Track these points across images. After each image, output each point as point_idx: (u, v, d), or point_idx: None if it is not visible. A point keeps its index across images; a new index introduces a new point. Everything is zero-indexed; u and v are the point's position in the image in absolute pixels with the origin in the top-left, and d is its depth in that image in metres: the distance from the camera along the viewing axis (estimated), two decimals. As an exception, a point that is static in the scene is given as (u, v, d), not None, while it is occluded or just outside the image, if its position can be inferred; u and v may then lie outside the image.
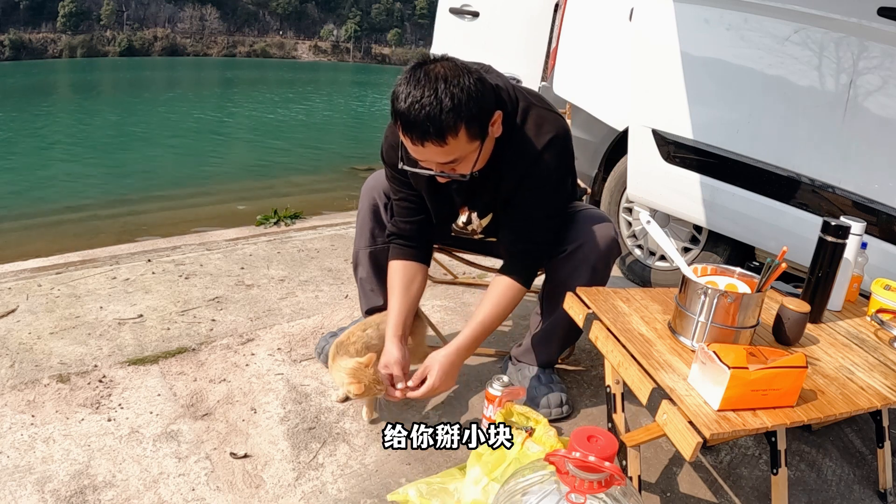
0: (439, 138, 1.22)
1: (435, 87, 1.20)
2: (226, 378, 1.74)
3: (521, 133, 1.39)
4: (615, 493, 0.83)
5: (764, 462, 1.55)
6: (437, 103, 1.19)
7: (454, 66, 1.24)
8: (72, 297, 2.18)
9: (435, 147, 1.24)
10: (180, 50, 66.83)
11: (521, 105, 1.40)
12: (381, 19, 78.63)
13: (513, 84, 1.43)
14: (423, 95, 1.19)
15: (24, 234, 5.10)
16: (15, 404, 1.57)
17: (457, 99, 1.20)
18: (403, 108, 1.21)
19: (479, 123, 1.27)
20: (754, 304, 1.17)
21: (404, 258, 1.58)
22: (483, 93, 1.25)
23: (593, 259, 1.51)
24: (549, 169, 1.42)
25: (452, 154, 1.27)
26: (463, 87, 1.21)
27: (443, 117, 1.20)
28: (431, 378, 1.42)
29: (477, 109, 1.24)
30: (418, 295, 1.61)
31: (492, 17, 3.20)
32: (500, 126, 1.34)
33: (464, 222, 1.55)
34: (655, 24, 2.19)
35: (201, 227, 3.78)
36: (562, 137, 1.42)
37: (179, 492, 1.32)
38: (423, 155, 1.28)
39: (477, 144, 1.30)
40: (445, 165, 1.31)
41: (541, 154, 1.40)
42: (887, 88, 1.70)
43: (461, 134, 1.24)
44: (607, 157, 2.74)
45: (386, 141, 1.52)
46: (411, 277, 1.58)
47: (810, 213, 1.90)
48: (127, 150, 9.80)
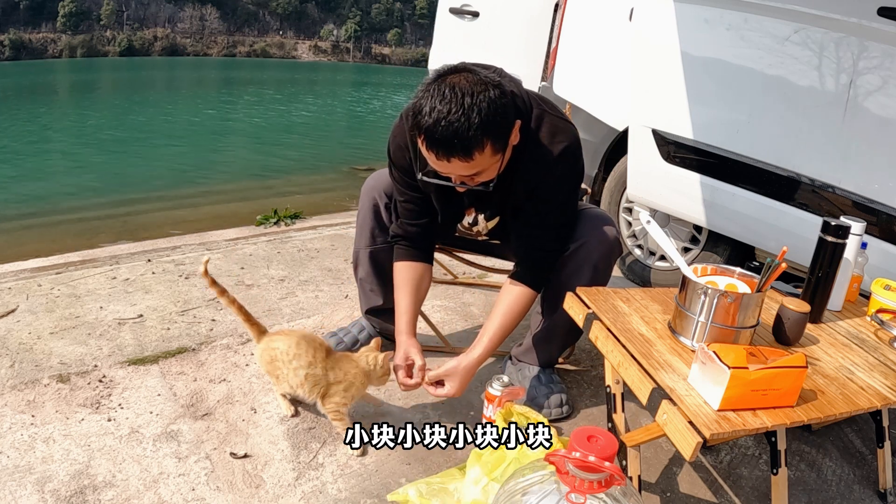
0: (466, 154, 1.22)
1: (462, 103, 1.18)
2: (226, 378, 1.74)
3: (535, 141, 1.39)
4: (615, 493, 0.83)
5: (764, 462, 1.55)
6: (465, 120, 1.18)
7: (478, 79, 1.22)
8: (72, 297, 2.18)
9: (461, 162, 1.24)
10: (180, 50, 66.82)
11: (534, 112, 1.40)
12: (381, 19, 78.61)
13: (525, 90, 1.43)
14: (450, 112, 1.18)
15: (24, 234, 5.10)
16: (15, 404, 1.57)
17: (484, 115, 1.19)
18: (429, 123, 1.20)
19: (503, 138, 1.27)
20: (754, 304, 1.17)
21: (411, 259, 1.59)
22: (507, 106, 1.25)
23: (595, 259, 1.51)
24: (563, 178, 1.43)
25: (477, 168, 1.27)
26: (490, 103, 1.20)
27: (471, 134, 1.19)
28: (452, 385, 1.44)
29: (504, 124, 1.25)
30: (425, 294, 1.63)
31: (492, 17, 3.20)
32: (518, 134, 1.34)
33: (469, 223, 1.55)
34: (655, 24, 2.19)
35: (201, 227, 3.78)
36: (574, 147, 1.42)
37: (179, 492, 1.32)
38: (447, 169, 1.28)
39: (500, 157, 1.30)
40: (467, 177, 1.31)
41: (555, 164, 1.40)
42: (887, 88, 1.70)
43: (487, 149, 1.24)
44: (607, 157, 2.74)
45: (393, 141, 1.49)
46: (420, 277, 1.59)
47: (810, 213, 1.90)
48: (127, 150, 9.80)
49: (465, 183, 1.33)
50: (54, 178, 7.67)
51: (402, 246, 1.60)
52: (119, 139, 11.04)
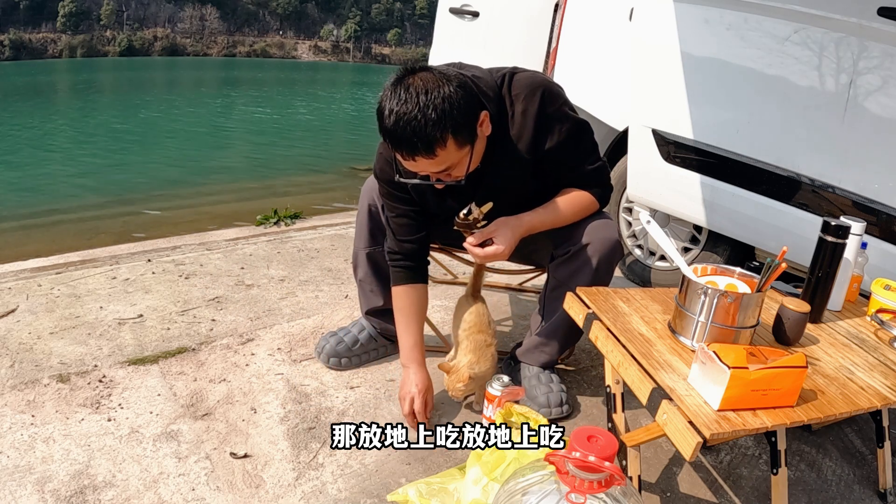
0: (428, 151, 1.24)
1: (418, 102, 1.21)
2: (226, 378, 1.74)
3: (512, 103, 1.42)
4: (615, 493, 0.83)
5: (764, 462, 1.55)
6: (421, 117, 1.20)
7: (433, 76, 1.25)
8: (72, 297, 2.18)
9: (426, 160, 1.26)
10: (180, 50, 66.81)
11: (505, 80, 1.42)
12: (381, 19, 78.61)
13: (496, 69, 1.45)
14: (407, 112, 1.21)
15: (24, 234, 5.10)
16: (15, 404, 1.57)
17: (440, 110, 1.21)
18: (389, 125, 1.23)
19: (466, 130, 1.28)
20: (754, 304, 1.17)
21: (410, 282, 1.60)
22: (466, 98, 1.26)
23: (596, 260, 1.51)
24: (567, 134, 1.45)
25: (444, 163, 1.29)
26: (444, 98, 1.22)
27: (428, 131, 1.21)
28: (499, 242, 1.41)
29: (462, 117, 1.25)
30: (425, 315, 1.67)
31: (492, 17, 3.20)
32: (489, 125, 1.36)
33: (465, 214, 1.56)
34: (655, 24, 2.19)
35: (201, 227, 3.78)
36: (546, 87, 1.44)
37: (179, 492, 1.32)
38: (416, 168, 1.30)
39: (467, 150, 1.32)
40: (440, 173, 1.33)
41: (544, 115, 1.42)
42: (887, 88, 1.70)
43: (449, 144, 1.25)
44: (607, 157, 2.74)
45: (380, 158, 1.52)
46: (421, 301, 1.62)
47: (810, 212, 1.90)
48: (127, 150, 9.79)
49: (442, 179, 1.35)
50: (54, 177, 7.66)
51: (399, 267, 1.60)
52: (119, 139, 11.04)
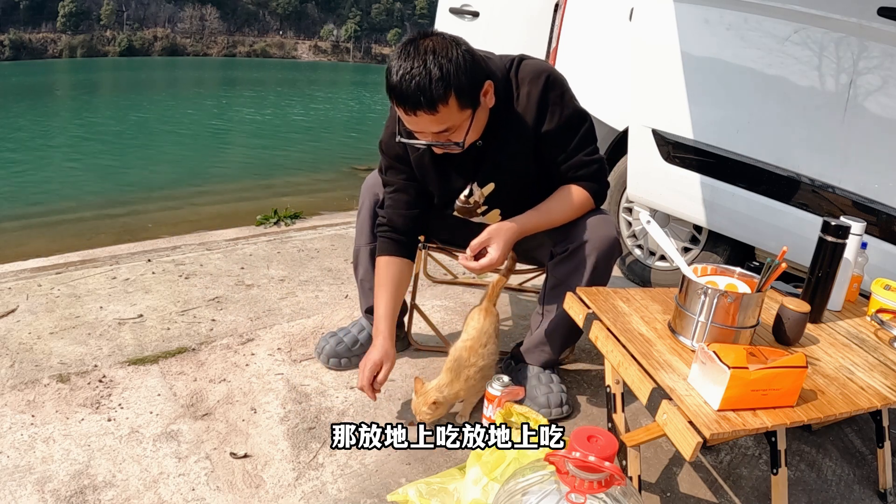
0: (430, 107, 1.27)
1: (424, 59, 1.25)
2: (226, 378, 1.74)
3: (518, 85, 1.44)
4: (615, 493, 0.83)
5: (764, 462, 1.55)
6: (426, 73, 1.24)
7: (443, 39, 1.30)
8: (72, 297, 2.18)
9: (427, 116, 1.29)
10: (180, 50, 66.81)
11: (514, 62, 1.46)
12: (381, 19, 78.62)
13: (497, 55, 1.49)
14: (412, 67, 1.25)
15: (24, 234, 5.10)
16: (15, 404, 1.57)
17: (445, 69, 1.25)
18: (395, 80, 1.27)
19: (469, 93, 1.31)
20: (754, 304, 1.17)
21: (393, 254, 1.59)
22: (472, 63, 1.30)
23: (594, 258, 1.51)
24: (566, 119, 1.46)
25: (445, 123, 1.31)
26: (451, 59, 1.26)
27: (432, 87, 1.25)
28: (493, 252, 1.42)
29: (466, 79, 1.29)
30: (404, 293, 1.66)
31: (492, 17, 3.20)
32: (493, 97, 1.39)
33: (466, 195, 1.56)
34: (655, 24, 2.19)
35: (201, 227, 3.78)
36: (551, 73, 1.46)
37: (179, 492, 1.32)
38: (417, 125, 1.33)
39: (468, 113, 1.34)
40: (439, 135, 1.35)
41: (546, 98, 1.44)
42: (887, 88, 1.70)
43: (451, 102, 1.28)
44: (607, 157, 2.74)
45: (386, 130, 1.55)
46: (401, 275, 1.61)
47: (810, 212, 1.90)
48: (127, 150, 9.81)
49: (440, 142, 1.37)
50: (54, 177, 7.67)
51: (388, 237, 1.60)
52: (119, 139, 11.05)
